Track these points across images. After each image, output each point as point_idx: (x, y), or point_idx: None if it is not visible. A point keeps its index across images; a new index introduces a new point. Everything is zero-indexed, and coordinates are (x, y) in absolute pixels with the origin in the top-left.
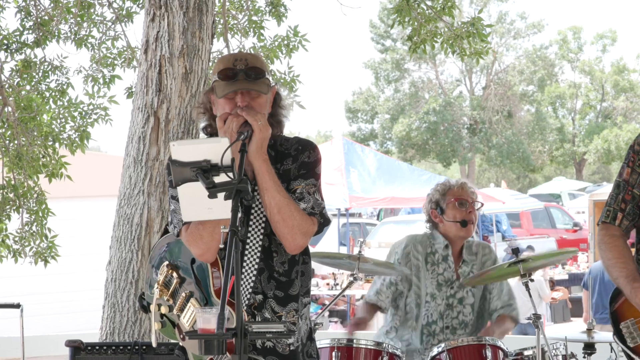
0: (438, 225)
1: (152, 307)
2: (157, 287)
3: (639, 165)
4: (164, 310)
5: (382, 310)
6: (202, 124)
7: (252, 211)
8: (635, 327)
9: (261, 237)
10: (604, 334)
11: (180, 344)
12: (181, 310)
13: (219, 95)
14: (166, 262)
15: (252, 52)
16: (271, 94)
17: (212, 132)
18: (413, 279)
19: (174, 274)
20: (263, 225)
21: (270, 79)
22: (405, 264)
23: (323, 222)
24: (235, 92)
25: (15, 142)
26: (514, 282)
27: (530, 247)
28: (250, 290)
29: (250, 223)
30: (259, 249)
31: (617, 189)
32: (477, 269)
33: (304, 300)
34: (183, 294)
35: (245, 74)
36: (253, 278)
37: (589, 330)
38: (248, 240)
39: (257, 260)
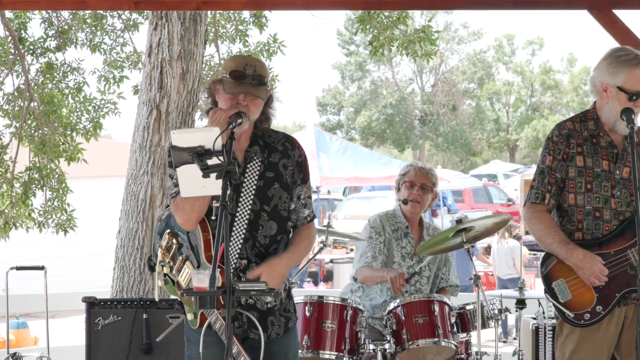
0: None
1: (157, 268)
2: (160, 251)
3: (559, 153)
4: (165, 270)
5: None
6: (206, 108)
7: (242, 190)
8: (565, 285)
9: (249, 212)
10: (533, 292)
11: (179, 299)
12: (179, 270)
13: (227, 92)
14: (168, 230)
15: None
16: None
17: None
18: (384, 249)
19: (174, 240)
20: (251, 202)
21: (269, 85)
22: (380, 235)
23: (315, 217)
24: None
25: (40, 131)
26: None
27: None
28: (237, 255)
29: (240, 200)
30: (246, 221)
31: (542, 174)
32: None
33: None
34: (180, 257)
35: (252, 79)
36: (240, 245)
37: (520, 289)
38: (237, 214)
39: (244, 231)
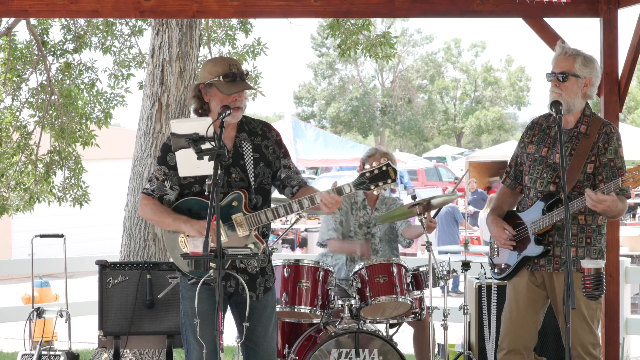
0: None
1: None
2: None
3: (521, 142)
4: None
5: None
6: (194, 107)
7: (246, 168)
8: (495, 244)
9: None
10: (477, 256)
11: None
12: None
13: (226, 93)
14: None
15: (229, 56)
16: None
17: (202, 113)
18: (343, 221)
19: None
20: (253, 178)
21: None
22: (337, 210)
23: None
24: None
25: (59, 120)
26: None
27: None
28: None
29: (250, 177)
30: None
31: (510, 160)
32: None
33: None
34: None
35: (241, 78)
36: None
37: (466, 245)
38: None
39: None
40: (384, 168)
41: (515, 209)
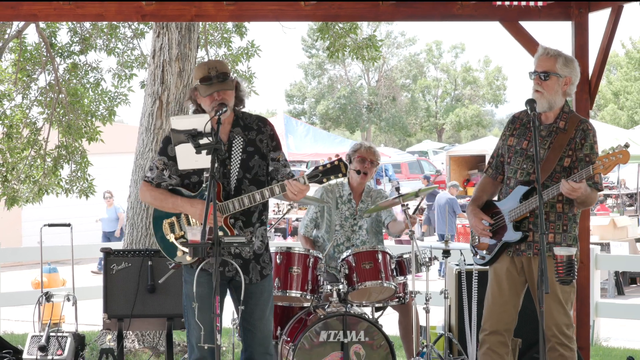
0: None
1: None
2: (168, 233)
3: (503, 135)
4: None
5: (313, 239)
6: (192, 109)
7: (230, 163)
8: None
9: (235, 180)
10: (457, 244)
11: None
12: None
13: (203, 95)
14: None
15: (223, 58)
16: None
17: (199, 113)
18: (325, 215)
19: (173, 219)
20: (237, 172)
21: (232, 75)
22: (318, 206)
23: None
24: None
25: (66, 117)
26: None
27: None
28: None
29: (230, 170)
30: (234, 187)
31: (493, 152)
32: (371, 206)
33: (257, 225)
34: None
35: (217, 78)
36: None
37: (446, 241)
38: (227, 182)
39: (233, 194)
40: (336, 163)
41: (497, 198)
